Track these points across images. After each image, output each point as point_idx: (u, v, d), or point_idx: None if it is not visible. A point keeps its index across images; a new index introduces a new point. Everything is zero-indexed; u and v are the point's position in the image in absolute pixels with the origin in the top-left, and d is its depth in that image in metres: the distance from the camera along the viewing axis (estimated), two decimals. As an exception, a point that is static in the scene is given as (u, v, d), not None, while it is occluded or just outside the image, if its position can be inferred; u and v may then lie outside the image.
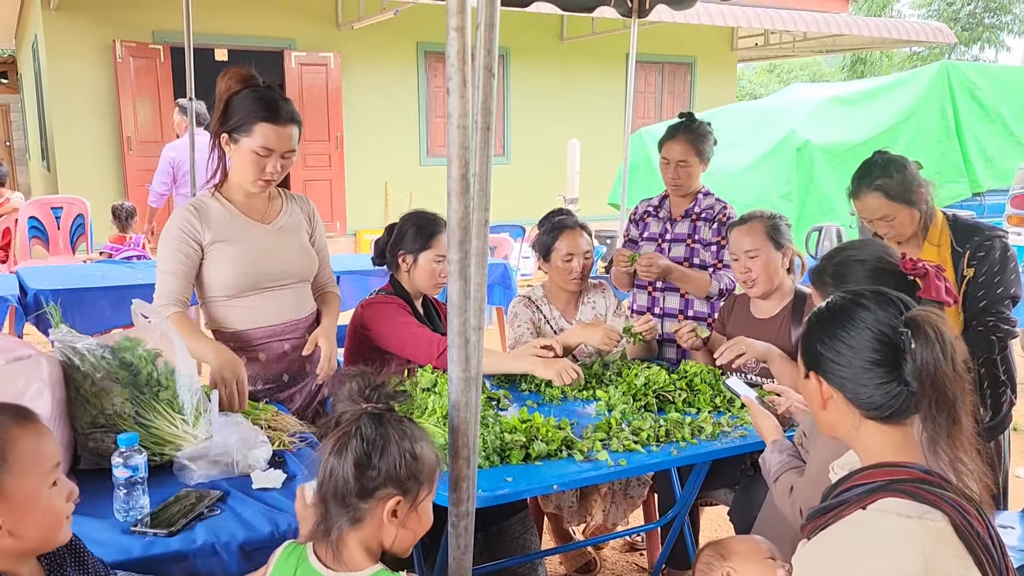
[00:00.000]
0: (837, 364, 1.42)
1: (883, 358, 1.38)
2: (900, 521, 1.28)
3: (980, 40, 26.09)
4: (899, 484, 1.32)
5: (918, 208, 2.63)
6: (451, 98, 1.50)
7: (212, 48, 9.98)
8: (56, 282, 4.14)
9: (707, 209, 3.27)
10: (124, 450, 1.69)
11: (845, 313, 1.44)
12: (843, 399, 1.43)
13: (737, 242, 2.76)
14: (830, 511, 1.38)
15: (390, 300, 2.75)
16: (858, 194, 2.68)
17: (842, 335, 1.42)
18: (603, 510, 3.00)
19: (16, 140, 17.29)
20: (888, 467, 1.37)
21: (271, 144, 2.36)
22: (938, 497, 1.29)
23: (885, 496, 1.31)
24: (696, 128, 3.20)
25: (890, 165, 2.64)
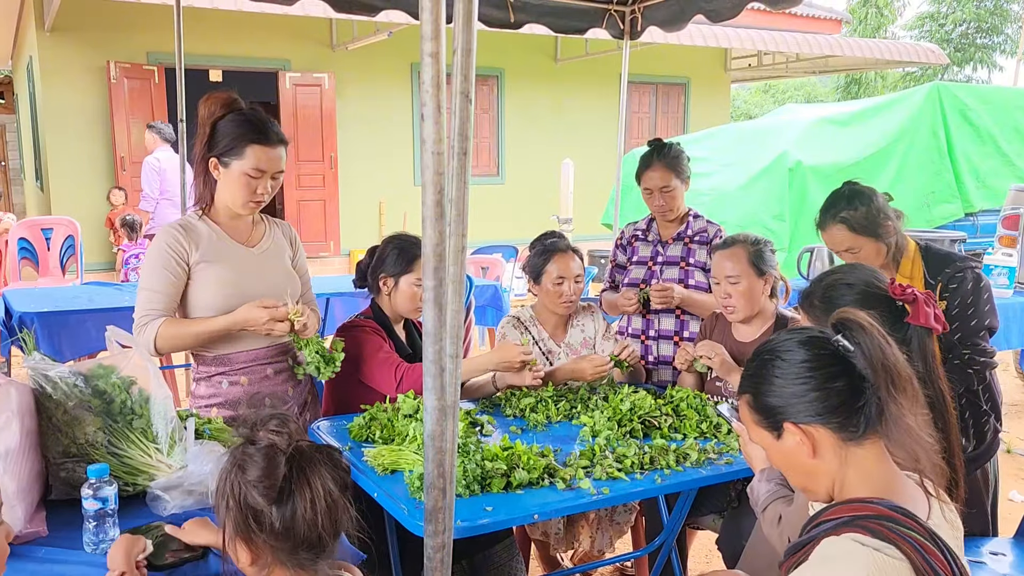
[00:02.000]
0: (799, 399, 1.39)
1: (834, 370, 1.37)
2: (852, 546, 1.26)
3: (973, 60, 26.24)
4: (863, 520, 1.29)
5: (884, 241, 2.61)
6: (425, 124, 1.48)
7: (206, 69, 10.01)
8: (42, 305, 4.11)
9: (700, 232, 3.26)
10: (94, 481, 1.65)
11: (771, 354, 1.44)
12: (827, 432, 1.39)
13: (719, 266, 2.74)
14: (802, 547, 1.36)
15: (363, 324, 2.73)
16: (824, 226, 2.68)
17: (783, 371, 1.41)
18: (590, 536, 2.96)
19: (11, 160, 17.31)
20: (856, 503, 1.34)
21: (262, 166, 2.36)
22: (899, 536, 1.26)
23: (848, 531, 1.29)
24: (669, 152, 3.18)
25: (856, 197, 2.61)
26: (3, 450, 1.65)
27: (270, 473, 1.36)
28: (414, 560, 2.25)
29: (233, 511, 1.38)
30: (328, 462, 1.42)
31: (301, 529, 1.37)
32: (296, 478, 1.38)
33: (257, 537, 1.37)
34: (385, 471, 2.09)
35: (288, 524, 1.36)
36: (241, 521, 1.37)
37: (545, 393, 2.71)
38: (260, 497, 1.36)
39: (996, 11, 25.55)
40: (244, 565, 1.41)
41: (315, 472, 1.39)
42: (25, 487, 1.71)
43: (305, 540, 1.38)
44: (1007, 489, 4.26)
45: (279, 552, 1.38)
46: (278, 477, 1.36)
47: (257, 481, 1.36)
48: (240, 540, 1.39)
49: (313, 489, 1.38)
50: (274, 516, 1.36)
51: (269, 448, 1.39)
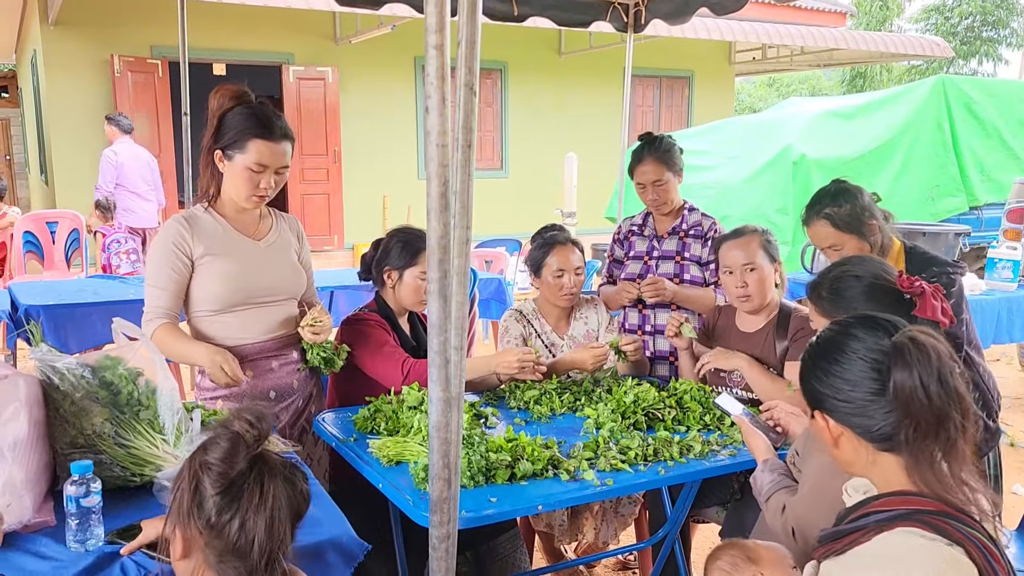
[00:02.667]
0: (838, 400, 1.38)
1: (879, 387, 1.33)
2: (922, 542, 1.23)
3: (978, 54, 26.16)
4: (923, 515, 1.26)
5: (867, 240, 2.62)
6: (430, 116, 1.49)
7: (210, 63, 10.01)
8: (47, 298, 4.12)
9: (695, 226, 3.25)
10: (77, 478, 1.64)
11: (835, 346, 1.41)
12: (853, 435, 1.38)
13: (732, 256, 2.74)
14: (846, 536, 1.33)
15: (367, 317, 2.74)
16: (808, 222, 2.71)
17: (836, 369, 1.39)
18: (594, 528, 2.97)
19: (16, 154, 17.34)
20: (909, 495, 1.31)
21: (265, 160, 2.36)
22: (964, 536, 1.23)
23: (908, 525, 1.26)
24: (660, 145, 3.19)
25: (841, 195, 2.64)
26: (12, 441, 1.67)
27: (228, 460, 1.33)
28: (419, 551, 2.27)
29: (182, 491, 1.34)
30: (288, 480, 1.37)
31: (235, 533, 1.31)
32: (250, 479, 1.33)
33: (193, 525, 1.33)
34: (390, 462, 2.10)
35: (225, 522, 1.31)
36: (185, 503, 1.33)
37: (549, 385, 2.72)
38: (210, 482, 1.32)
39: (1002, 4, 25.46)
40: (175, 558, 1.37)
41: (271, 482, 1.34)
42: (33, 477, 1.72)
43: (236, 546, 1.31)
44: (1011, 482, 4.27)
45: (209, 550, 1.33)
46: (234, 468, 1.32)
47: (214, 463, 1.33)
48: (178, 527, 1.34)
49: (263, 498, 1.32)
50: (215, 506, 1.31)
51: (235, 436, 1.36)
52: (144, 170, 7.49)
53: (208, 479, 1.33)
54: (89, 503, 1.64)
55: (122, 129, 7.43)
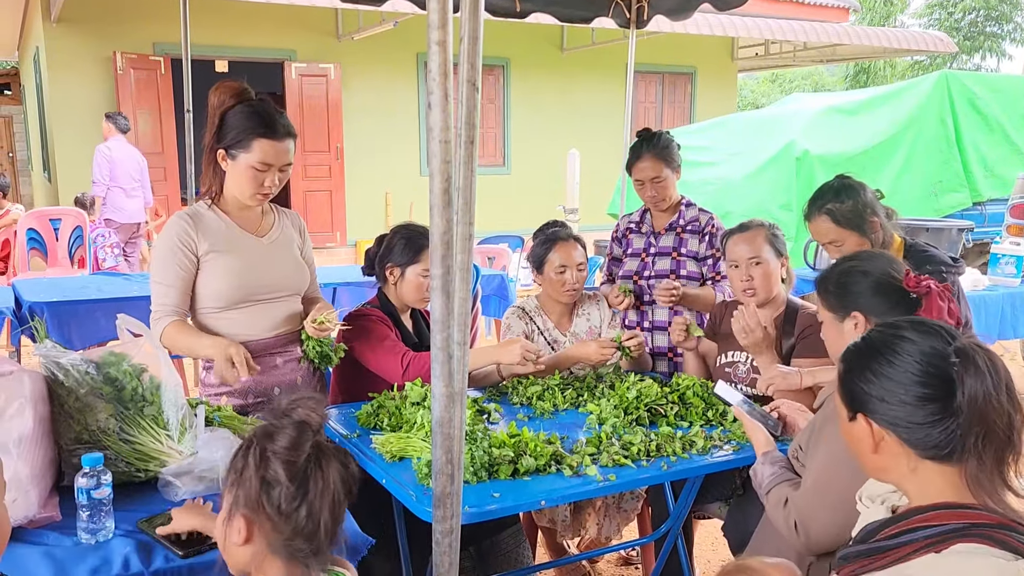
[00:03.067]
0: (886, 403, 1.31)
1: (935, 392, 1.28)
2: (990, 562, 1.15)
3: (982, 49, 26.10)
4: (984, 529, 1.19)
5: (868, 237, 2.63)
6: (432, 112, 1.49)
7: (212, 60, 10.01)
8: (51, 294, 4.13)
9: (692, 221, 3.23)
10: (88, 470, 1.66)
11: (888, 347, 1.34)
12: (896, 440, 1.31)
13: (738, 250, 2.74)
14: (886, 552, 1.25)
15: (369, 313, 2.74)
16: (810, 217, 2.71)
17: (888, 371, 1.32)
18: (597, 524, 2.98)
19: (19, 151, 17.35)
20: (958, 508, 1.24)
21: (269, 159, 2.37)
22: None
23: (970, 541, 1.18)
24: (658, 142, 3.16)
25: (843, 191, 2.64)
26: (17, 436, 1.68)
27: (297, 446, 1.35)
28: (422, 546, 2.27)
29: (247, 481, 1.36)
30: (342, 463, 1.41)
31: (304, 517, 1.35)
32: (314, 464, 1.36)
33: (262, 512, 1.35)
34: (393, 458, 2.11)
35: (295, 507, 1.34)
36: (253, 492, 1.35)
37: (552, 381, 2.73)
38: (281, 469, 1.34)
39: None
40: (235, 543, 1.38)
41: (330, 466, 1.38)
42: (39, 473, 1.73)
43: (304, 530, 1.35)
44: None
45: (276, 535, 1.36)
46: (303, 453, 1.35)
47: (283, 451, 1.35)
48: (242, 515, 1.36)
49: (325, 481, 1.36)
50: (285, 493, 1.34)
51: (302, 424, 1.38)
52: (134, 169, 7.68)
53: (279, 467, 1.34)
54: (100, 495, 1.66)
55: (119, 128, 7.65)
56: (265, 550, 1.37)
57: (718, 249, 3.14)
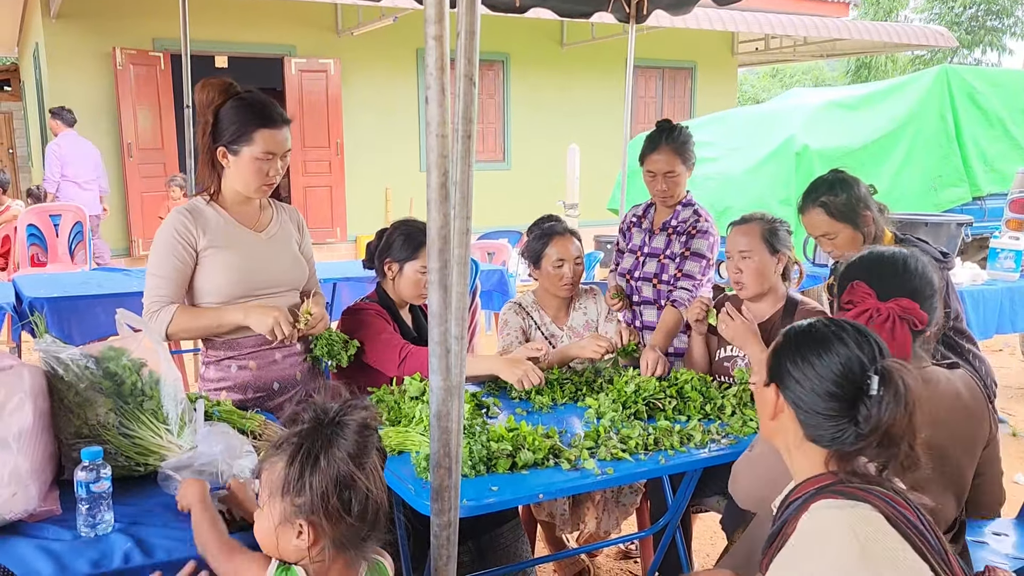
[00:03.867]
0: (799, 385, 1.47)
1: (843, 393, 1.42)
2: (831, 512, 1.36)
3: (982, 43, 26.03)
4: (829, 487, 1.41)
5: (861, 230, 2.65)
6: (429, 107, 1.49)
7: (212, 55, 10.01)
8: (52, 290, 4.14)
9: (682, 222, 3.19)
10: (88, 464, 1.66)
11: (824, 340, 1.48)
12: (793, 417, 1.49)
13: (732, 241, 2.76)
14: (777, 535, 1.44)
15: (366, 307, 2.75)
16: (804, 209, 2.73)
17: (813, 359, 1.46)
18: (596, 518, 2.99)
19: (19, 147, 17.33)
20: (815, 477, 1.46)
21: (272, 148, 2.39)
22: (866, 492, 1.37)
23: (818, 499, 1.40)
24: (678, 136, 3.10)
25: (838, 184, 2.66)
26: (17, 430, 1.68)
27: (366, 451, 1.39)
28: (421, 540, 2.28)
29: (318, 491, 1.35)
30: (380, 452, 1.45)
31: (372, 510, 1.39)
32: (378, 455, 1.42)
33: (338, 517, 1.37)
34: (392, 452, 2.12)
35: (366, 505, 1.38)
36: (327, 500, 1.35)
37: (550, 375, 2.73)
38: (357, 472, 1.36)
39: (1006, -8, 25.33)
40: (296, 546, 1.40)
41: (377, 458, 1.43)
42: (39, 467, 1.74)
43: (372, 522, 1.40)
44: (1012, 472, 4.27)
45: (350, 532, 1.39)
46: (370, 453, 1.39)
47: (354, 457, 1.37)
48: (308, 521, 1.37)
49: (379, 471, 1.42)
50: (360, 496, 1.36)
51: (364, 427, 1.41)
52: (86, 161, 7.99)
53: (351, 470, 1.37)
54: (99, 488, 1.66)
55: (66, 123, 7.99)
56: (331, 548, 1.41)
57: (689, 248, 3.12)
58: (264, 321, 2.39)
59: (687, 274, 3.09)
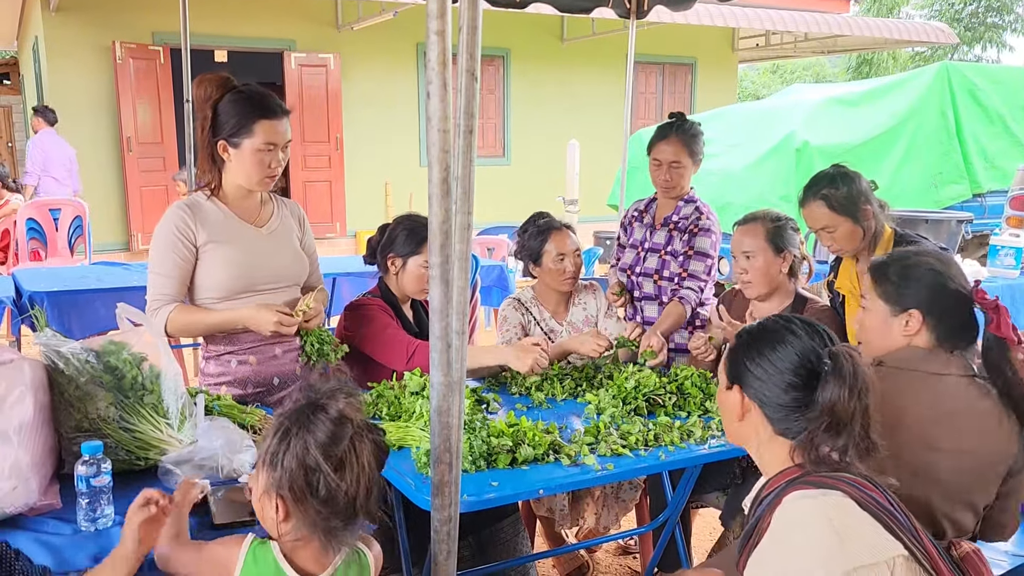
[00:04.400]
0: (761, 382, 1.51)
1: (801, 382, 1.47)
2: (804, 502, 1.39)
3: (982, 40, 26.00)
4: (798, 479, 1.45)
5: (861, 225, 2.64)
6: (431, 102, 1.49)
7: (212, 49, 9.99)
8: (51, 284, 4.14)
9: (683, 219, 3.20)
10: (88, 458, 1.66)
11: (777, 335, 1.52)
12: (760, 414, 1.52)
13: (737, 242, 2.76)
14: (752, 532, 1.46)
15: (370, 303, 2.75)
16: (804, 203, 2.71)
17: (768, 354, 1.51)
18: (595, 513, 2.99)
19: (19, 141, 17.31)
20: (784, 471, 1.50)
21: (273, 139, 2.38)
22: (834, 479, 1.41)
23: (789, 492, 1.43)
24: (688, 128, 3.14)
25: (839, 178, 2.65)
26: (17, 424, 1.68)
27: (337, 440, 1.41)
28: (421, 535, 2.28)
29: (287, 467, 1.41)
30: (374, 441, 1.48)
31: (343, 500, 1.42)
32: (351, 451, 1.43)
33: (303, 498, 1.41)
34: (392, 447, 2.11)
35: (335, 492, 1.41)
36: (292, 478, 1.41)
37: (551, 371, 2.73)
38: (322, 461, 1.40)
39: (1007, -11, 25.29)
40: (272, 518, 1.45)
41: (363, 448, 1.45)
42: (39, 460, 1.74)
43: (343, 511, 1.43)
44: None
45: (316, 516, 1.42)
46: (343, 446, 1.41)
47: (323, 445, 1.40)
48: (279, 496, 1.42)
49: (360, 464, 1.43)
50: (326, 482, 1.40)
51: (341, 417, 1.44)
52: (63, 159, 8.19)
53: (320, 457, 1.40)
54: (99, 483, 1.66)
55: (47, 121, 8.22)
56: (302, 527, 1.44)
57: (692, 248, 3.13)
58: (264, 327, 2.40)
59: (692, 274, 3.09)
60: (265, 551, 1.48)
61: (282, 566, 1.46)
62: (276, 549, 1.47)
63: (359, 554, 1.56)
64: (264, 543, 1.49)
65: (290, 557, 1.48)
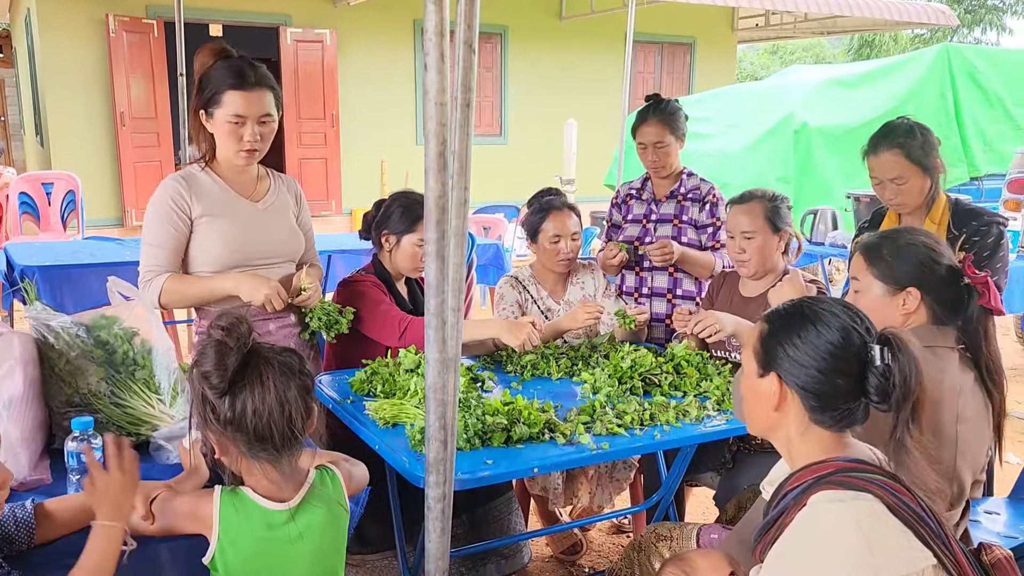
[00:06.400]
0: (801, 367, 1.41)
1: (847, 367, 1.38)
2: (833, 506, 1.31)
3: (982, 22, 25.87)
4: (827, 477, 1.35)
5: (931, 177, 2.61)
6: (428, 74, 1.46)
7: (206, 23, 9.88)
8: (43, 258, 4.11)
9: (693, 190, 3.22)
10: (78, 433, 1.65)
11: (817, 316, 1.42)
12: (799, 404, 1.43)
13: (734, 221, 2.73)
14: (773, 524, 1.40)
15: (363, 279, 2.73)
16: (876, 150, 2.63)
17: (809, 338, 1.41)
18: (589, 492, 2.99)
19: (11, 115, 17.17)
20: (813, 466, 1.39)
21: (241, 111, 2.32)
22: (866, 481, 1.32)
23: (816, 491, 1.34)
24: (666, 108, 3.16)
25: (915, 128, 2.61)
26: (7, 398, 1.67)
27: (219, 365, 1.46)
28: (414, 512, 2.28)
29: (195, 403, 1.51)
30: (283, 365, 1.52)
31: (252, 422, 1.47)
32: (249, 374, 1.49)
33: (213, 426, 1.50)
34: (386, 424, 2.11)
35: (239, 416, 1.47)
36: (199, 412, 1.50)
37: (546, 350, 2.72)
38: (210, 389, 1.47)
39: (1008, -28, 25.12)
40: (217, 456, 1.54)
41: (268, 371, 1.50)
42: (29, 435, 1.72)
43: (257, 434, 1.48)
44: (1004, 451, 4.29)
45: (237, 443, 1.50)
46: (227, 370, 1.46)
47: (208, 373, 1.47)
48: (207, 432, 1.52)
49: (265, 386, 1.48)
50: (224, 407, 1.47)
51: (219, 344, 1.48)
52: None
53: (207, 386, 1.48)
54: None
55: None
56: (238, 456, 1.52)
57: (718, 219, 3.13)
58: (256, 294, 2.36)
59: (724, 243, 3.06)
60: (236, 495, 1.54)
61: (257, 501, 1.53)
62: (248, 491, 1.54)
63: (326, 472, 1.65)
64: (233, 490, 1.55)
65: (260, 493, 1.54)
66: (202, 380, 1.48)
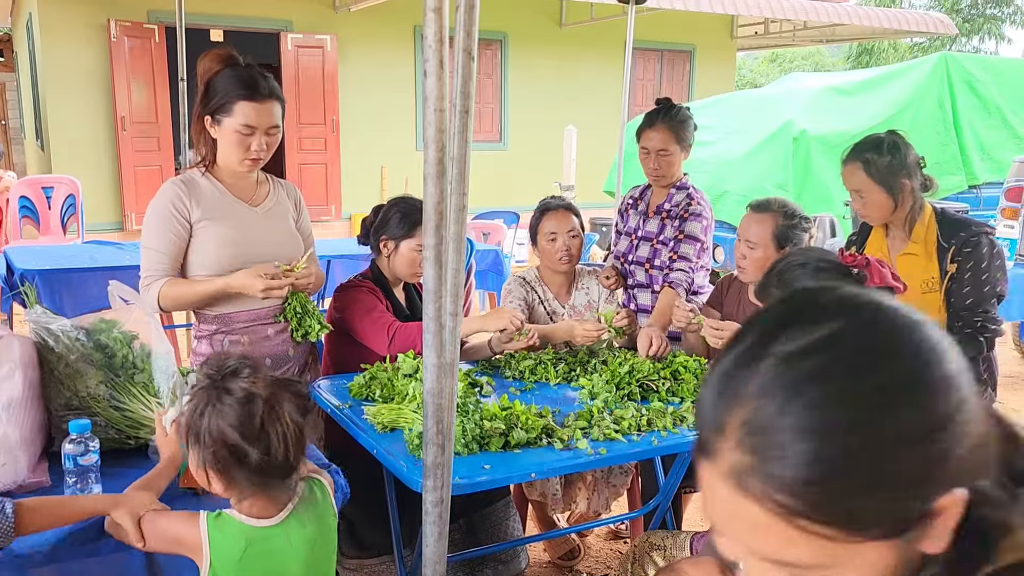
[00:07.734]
0: None
1: None
2: None
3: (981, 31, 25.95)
4: None
5: (893, 197, 2.57)
6: (428, 81, 1.48)
7: (207, 29, 9.91)
8: (43, 262, 4.11)
9: (675, 206, 3.14)
10: (75, 436, 1.66)
11: None
12: None
13: (745, 226, 2.74)
14: None
15: (359, 284, 2.74)
16: (845, 161, 2.65)
17: None
18: (587, 498, 2.99)
19: (12, 119, 17.19)
20: None
21: (252, 121, 2.33)
22: None
23: None
24: (676, 114, 3.06)
25: (884, 145, 2.57)
26: (6, 400, 1.67)
27: (249, 419, 1.45)
28: (412, 517, 2.28)
29: (211, 448, 1.46)
30: (290, 393, 1.52)
31: (276, 461, 1.47)
32: (268, 417, 1.47)
33: (236, 471, 1.46)
34: (384, 429, 2.11)
35: (264, 460, 1.46)
36: (220, 457, 1.45)
37: (544, 356, 2.73)
38: (241, 439, 1.44)
39: (1007, -19, 25.22)
40: (218, 491, 1.51)
41: (282, 406, 1.49)
42: (28, 437, 1.73)
43: (279, 469, 1.49)
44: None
45: (253, 479, 1.47)
46: (256, 422, 1.45)
47: (237, 426, 1.44)
48: (214, 472, 1.47)
49: (283, 423, 1.48)
50: (252, 455, 1.45)
51: (247, 396, 1.46)
52: None
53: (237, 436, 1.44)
54: (87, 462, 1.65)
55: None
56: (244, 490, 1.51)
57: (683, 232, 3.08)
58: (250, 287, 2.35)
59: (682, 256, 3.07)
60: (222, 519, 1.53)
61: (245, 522, 1.53)
62: (234, 513, 1.53)
63: (313, 483, 1.66)
64: (219, 514, 1.54)
65: (247, 512, 1.54)
66: (234, 433, 1.45)
